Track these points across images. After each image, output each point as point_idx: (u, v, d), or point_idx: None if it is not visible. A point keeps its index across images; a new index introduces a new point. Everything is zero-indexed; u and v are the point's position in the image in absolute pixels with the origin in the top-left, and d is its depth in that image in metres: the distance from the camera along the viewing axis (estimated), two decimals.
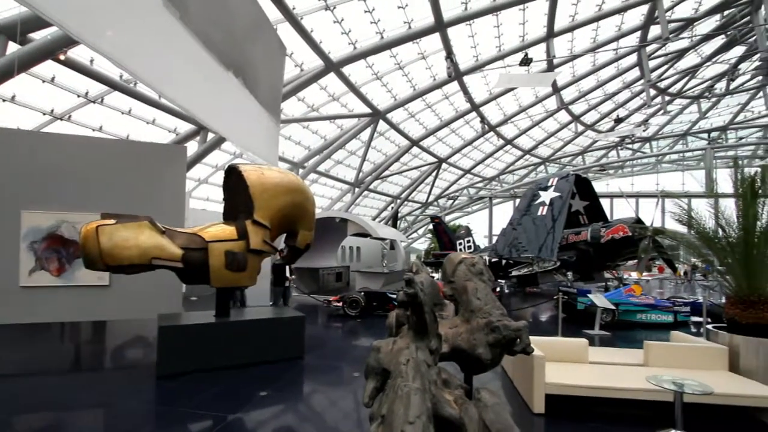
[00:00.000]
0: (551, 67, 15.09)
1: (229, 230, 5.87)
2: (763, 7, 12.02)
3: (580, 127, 24.12)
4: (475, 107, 18.31)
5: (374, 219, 27.03)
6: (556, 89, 18.77)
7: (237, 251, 5.77)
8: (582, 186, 15.06)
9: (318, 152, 18.12)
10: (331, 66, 12.57)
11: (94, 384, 5.33)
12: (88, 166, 6.94)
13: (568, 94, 20.12)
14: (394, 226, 25.46)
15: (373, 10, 11.64)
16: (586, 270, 14.78)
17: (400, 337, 2.17)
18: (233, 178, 6.13)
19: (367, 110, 16.21)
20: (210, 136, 12.89)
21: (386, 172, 22.59)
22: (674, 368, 4.79)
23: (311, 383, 5.60)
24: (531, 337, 5.38)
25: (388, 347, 2.10)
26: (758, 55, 13.11)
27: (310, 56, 12.41)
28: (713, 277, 6.06)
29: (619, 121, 20.90)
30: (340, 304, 10.75)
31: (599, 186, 26.10)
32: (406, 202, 28.39)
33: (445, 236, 22.29)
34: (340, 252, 16.68)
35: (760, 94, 21.46)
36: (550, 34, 13.73)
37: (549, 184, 13.47)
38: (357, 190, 21.48)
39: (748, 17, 14.25)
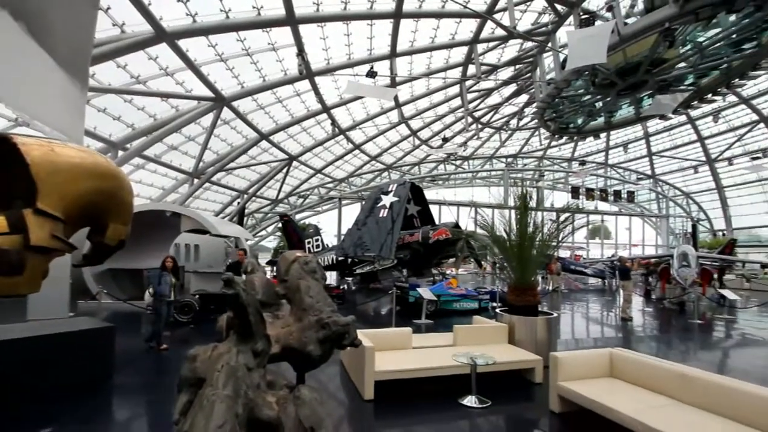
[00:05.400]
0: (394, 83, 16.67)
1: None
2: (538, 68, 16.15)
3: (417, 141, 27.38)
4: (326, 109, 18.66)
5: (218, 215, 24.53)
6: (398, 104, 20.81)
7: (7, 248, 4.35)
8: (416, 193, 17.11)
9: (145, 133, 15.29)
10: (163, 35, 10.83)
11: None
12: None
13: (407, 111, 22.55)
14: (240, 223, 23.60)
15: None
16: (419, 267, 16.84)
17: (223, 342, 2.03)
18: (3, 153, 4.60)
19: (209, 94, 14.59)
20: None
21: (232, 164, 20.74)
22: (474, 345, 5.88)
23: (117, 408, 4.68)
24: (365, 330, 5.81)
25: (207, 354, 1.93)
26: (535, 104, 17.50)
27: (134, 17, 10.40)
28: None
29: (446, 140, 24.61)
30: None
31: (430, 194, 30.12)
32: (254, 198, 26.72)
33: (295, 235, 21.91)
34: (173, 250, 14.52)
35: (537, 133, 28.77)
36: (393, 53, 15.18)
37: (389, 189, 14.81)
38: (196, 181, 19.04)
39: (530, 73, 18.88)
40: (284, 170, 24.14)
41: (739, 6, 9.69)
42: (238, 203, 25.48)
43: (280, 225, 26.79)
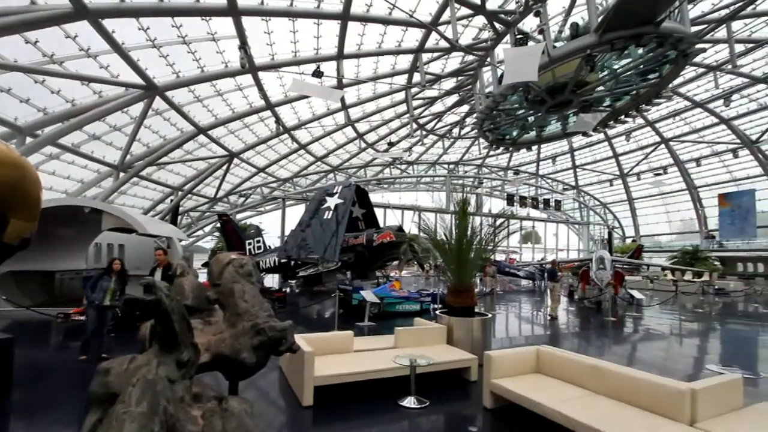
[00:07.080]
0: (341, 85, 16.57)
1: None
2: (478, 81, 17.05)
3: (363, 144, 27.46)
4: (270, 106, 18.01)
5: (147, 212, 22.51)
6: (345, 106, 20.71)
7: None
8: (361, 195, 17.16)
9: (61, 119, 13.56)
10: (84, 12, 9.72)
11: None
12: None
13: (354, 113, 22.52)
14: (174, 221, 21.89)
15: None
16: (363, 269, 16.87)
17: (144, 353, 1.84)
18: None
19: (140, 81, 13.36)
20: None
21: (165, 159, 19.13)
22: (415, 347, 5.98)
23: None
24: (305, 334, 5.69)
25: (123, 367, 1.74)
26: (475, 114, 18.42)
27: None
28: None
29: (391, 144, 24.97)
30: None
31: (375, 197, 30.36)
32: (190, 196, 24.89)
33: (234, 235, 20.84)
34: (92, 251, 13.03)
35: (476, 142, 30.31)
36: (340, 55, 15.10)
37: (335, 191, 14.68)
38: (122, 175, 17.27)
39: (471, 85, 19.85)
40: (224, 167, 22.84)
41: (644, 41, 11.17)
42: (172, 200, 23.63)
43: (218, 225, 25.27)
